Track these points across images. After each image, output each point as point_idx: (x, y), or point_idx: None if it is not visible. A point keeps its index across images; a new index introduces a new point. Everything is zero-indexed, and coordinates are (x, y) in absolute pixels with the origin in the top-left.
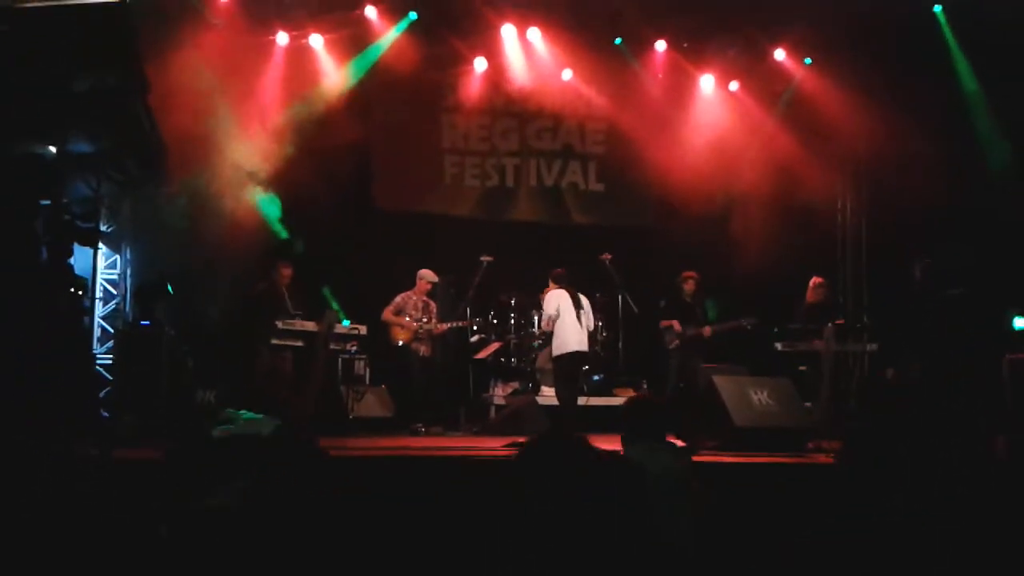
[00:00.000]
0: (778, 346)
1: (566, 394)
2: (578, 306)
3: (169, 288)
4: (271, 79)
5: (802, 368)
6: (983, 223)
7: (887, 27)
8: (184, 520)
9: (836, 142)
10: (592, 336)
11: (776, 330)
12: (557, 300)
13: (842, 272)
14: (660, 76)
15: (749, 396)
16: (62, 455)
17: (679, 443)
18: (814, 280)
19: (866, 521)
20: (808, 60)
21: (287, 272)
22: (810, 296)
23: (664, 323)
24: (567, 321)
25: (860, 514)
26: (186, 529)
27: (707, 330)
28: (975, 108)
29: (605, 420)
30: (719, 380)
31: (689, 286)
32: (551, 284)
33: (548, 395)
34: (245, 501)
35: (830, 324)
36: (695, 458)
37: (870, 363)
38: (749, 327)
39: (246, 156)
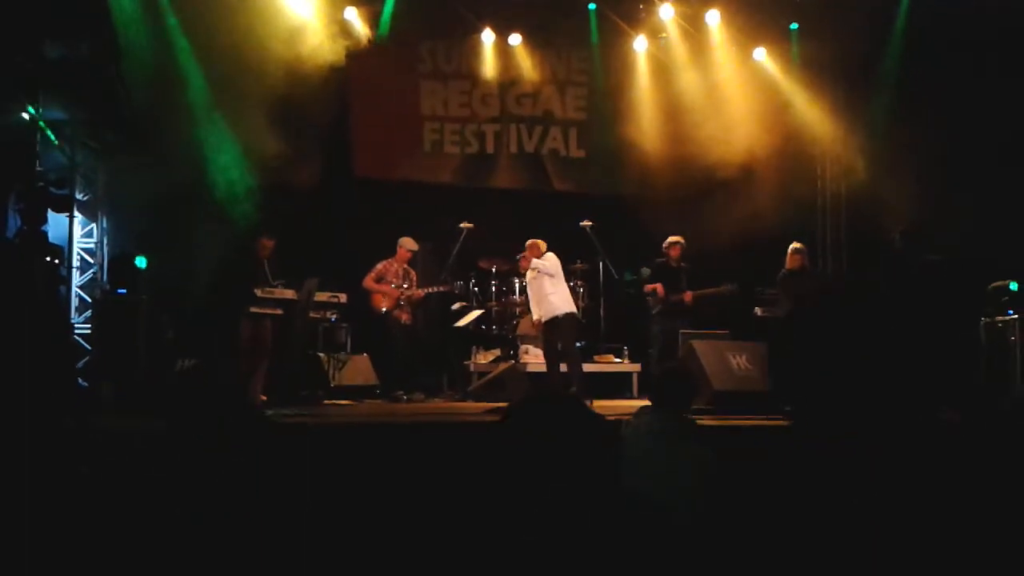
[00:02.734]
0: (758, 311)
1: (577, 352)
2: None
3: (138, 262)
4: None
5: None
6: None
7: None
8: None
9: (816, 109)
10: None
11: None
12: (557, 262)
13: (821, 238)
14: (644, 39)
15: (728, 360)
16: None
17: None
18: (793, 246)
19: (844, 484)
20: (794, 25)
21: (268, 244)
22: (789, 262)
23: (648, 287)
24: (564, 283)
25: (837, 476)
26: None
27: (688, 295)
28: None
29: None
30: (698, 344)
31: (675, 251)
32: (540, 248)
33: (529, 361)
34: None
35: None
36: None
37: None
38: (729, 293)
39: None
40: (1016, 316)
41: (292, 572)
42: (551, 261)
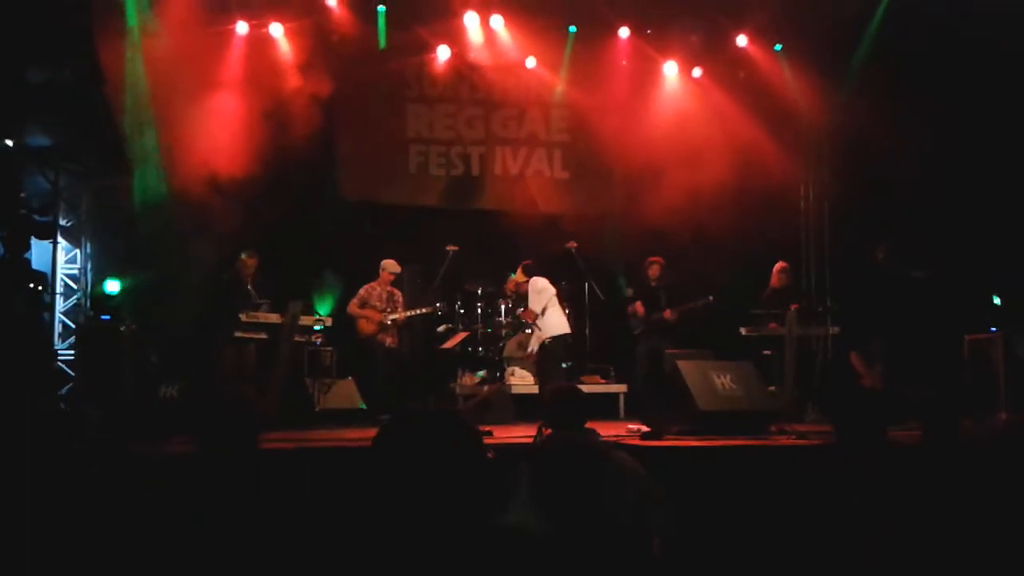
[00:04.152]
0: (742, 331)
1: (558, 377)
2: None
3: (106, 288)
4: (232, 69)
5: (766, 352)
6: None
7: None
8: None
9: (798, 127)
10: None
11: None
12: (546, 290)
13: (805, 256)
14: (624, 63)
15: (712, 380)
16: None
17: (643, 427)
18: (778, 265)
19: (830, 502)
20: (778, 47)
21: (252, 263)
22: (774, 281)
23: (629, 308)
24: (556, 306)
25: (822, 496)
26: None
27: (668, 313)
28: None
29: None
30: (683, 365)
31: (653, 271)
32: (520, 274)
33: (515, 383)
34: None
35: (792, 308)
36: (661, 443)
37: (832, 346)
38: (704, 305)
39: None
40: (999, 333)
41: None
42: (538, 291)
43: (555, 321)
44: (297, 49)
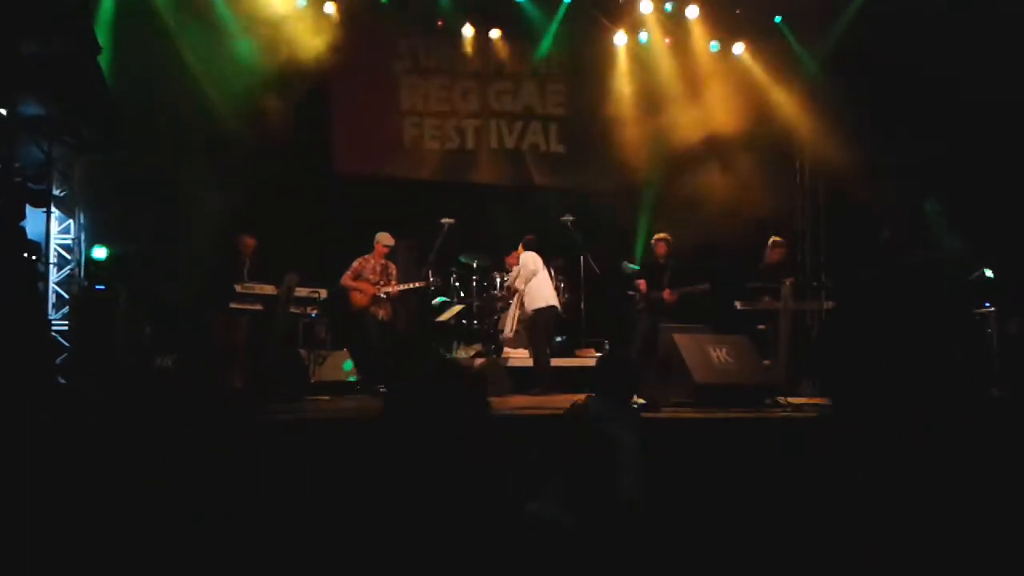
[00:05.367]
0: (738, 305)
1: (544, 348)
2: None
3: (94, 254)
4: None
5: (761, 327)
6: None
7: None
8: None
9: (797, 102)
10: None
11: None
12: (534, 260)
13: (800, 231)
14: (620, 35)
15: (708, 353)
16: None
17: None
18: (772, 239)
19: (823, 474)
20: (778, 19)
21: (250, 243)
22: (769, 256)
23: (633, 284)
24: (542, 278)
25: (816, 468)
26: None
27: (667, 293)
28: None
29: (566, 380)
30: (680, 338)
31: (660, 248)
32: (521, 248)
33: (511, 355)
34: None
35: (786, 282)
36: (658, 415)
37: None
38: (701, 292)
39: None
40: (993, 308)
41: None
42: (525, 261)
43: (542, 293)
44: (291, 19)
